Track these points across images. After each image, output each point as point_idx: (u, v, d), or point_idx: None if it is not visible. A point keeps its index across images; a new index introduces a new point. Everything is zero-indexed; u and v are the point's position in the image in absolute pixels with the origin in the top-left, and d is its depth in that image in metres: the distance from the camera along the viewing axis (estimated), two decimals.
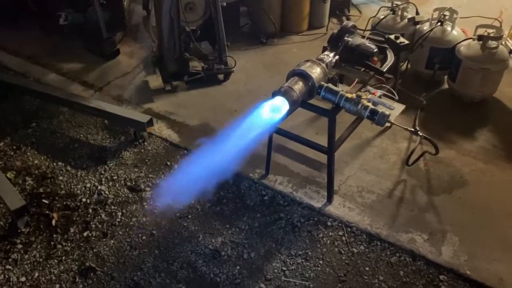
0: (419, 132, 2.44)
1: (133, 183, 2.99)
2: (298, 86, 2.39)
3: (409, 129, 2.45)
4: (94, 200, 2.86)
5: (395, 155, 3.19)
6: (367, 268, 2.47)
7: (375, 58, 2.83)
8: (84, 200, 2.86)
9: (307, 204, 2.82)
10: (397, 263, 2.49)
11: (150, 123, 3.24)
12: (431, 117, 3.54)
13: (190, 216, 2.75)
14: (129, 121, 3.25)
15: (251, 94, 3.81)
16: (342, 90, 2.46)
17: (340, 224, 2.71)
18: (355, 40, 2.85)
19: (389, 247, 2.57)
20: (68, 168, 3.11)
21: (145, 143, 3.31)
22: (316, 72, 2.48)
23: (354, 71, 2.92)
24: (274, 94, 2.36)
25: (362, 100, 2.40)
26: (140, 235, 2.64)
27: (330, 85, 2.48)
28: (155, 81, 3.98)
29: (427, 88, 3.80)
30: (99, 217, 2.75)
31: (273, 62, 4.32)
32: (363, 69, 2.91)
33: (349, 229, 2.68)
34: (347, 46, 2.80)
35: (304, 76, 2.45)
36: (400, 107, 2.81)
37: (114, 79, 4.05)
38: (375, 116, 2.38)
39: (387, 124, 2.44)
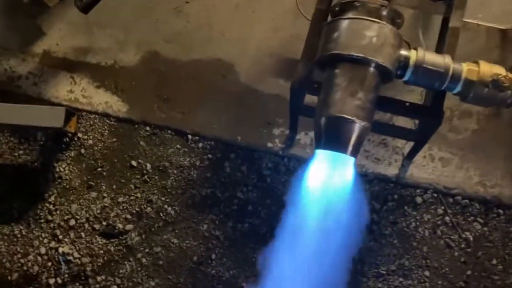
0: None
1: (103, 223, 1.91)
2: (356, 101, 1.05)
3: None
4: (66, 275, 1.89)
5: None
6: (494, 262, 1.70)
7: None
8: (51, 281, 1.89)
9: (376, 174, 1.80)
10: None
11: (69, 117, 1.85)
12: None
13: (214, 257, 1.82)
14: (33, 129, 1.86)
15: None
16: (450, 60, 1.09)
17: (435, 195, 1.77)
18: None
19: None
20: None
21: (79, 135, 2.00)
22: (381, 40, 1.06)
23: None
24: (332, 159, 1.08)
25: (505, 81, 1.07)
26: None
27: (427, 56, 1.09)
28: None
29: None
30: None
31: None
32: None
33: (450, 200, 1.76)
34: None
35: (360, 62, 1.06)
36: None
37: None
38: None
39: None
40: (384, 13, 1.06)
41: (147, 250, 1.86)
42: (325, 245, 1.13)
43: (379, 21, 1.04)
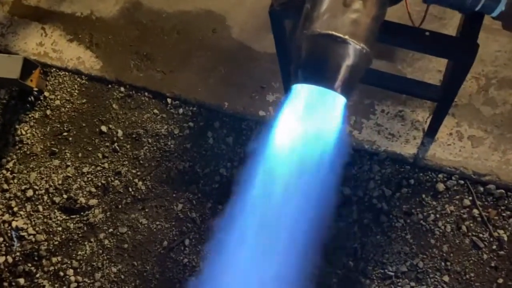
0: None
1: (64, 196, 1.64)
2: (352, 14, 0.73)
3: None
4: (17, 254, 1.63)
5: None
6: None
7: None
8: (1, 259, 1.63)
9: (389, 154, 1.47)
10: None
11: (30, 69, 1.59)
12: None
13: (187, 242, 1.53)
14: None
15: None
16: None
17: (462, 182, 1.42)
18: None
19: None
20: None
21: (45, 94, 1.75)
22: None
23: None
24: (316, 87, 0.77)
25: None
26: None
27: None
28: None
29: None
30: None
31: None
32: None
33: (480, 189, 1.41)
34: None
35: None
36: None
37: None
38: None
39: None
40: None
41: (111, 230, 1.58)
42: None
43: None
